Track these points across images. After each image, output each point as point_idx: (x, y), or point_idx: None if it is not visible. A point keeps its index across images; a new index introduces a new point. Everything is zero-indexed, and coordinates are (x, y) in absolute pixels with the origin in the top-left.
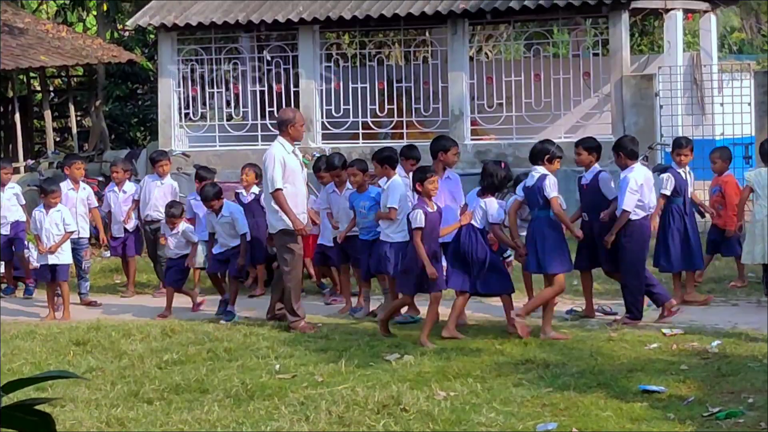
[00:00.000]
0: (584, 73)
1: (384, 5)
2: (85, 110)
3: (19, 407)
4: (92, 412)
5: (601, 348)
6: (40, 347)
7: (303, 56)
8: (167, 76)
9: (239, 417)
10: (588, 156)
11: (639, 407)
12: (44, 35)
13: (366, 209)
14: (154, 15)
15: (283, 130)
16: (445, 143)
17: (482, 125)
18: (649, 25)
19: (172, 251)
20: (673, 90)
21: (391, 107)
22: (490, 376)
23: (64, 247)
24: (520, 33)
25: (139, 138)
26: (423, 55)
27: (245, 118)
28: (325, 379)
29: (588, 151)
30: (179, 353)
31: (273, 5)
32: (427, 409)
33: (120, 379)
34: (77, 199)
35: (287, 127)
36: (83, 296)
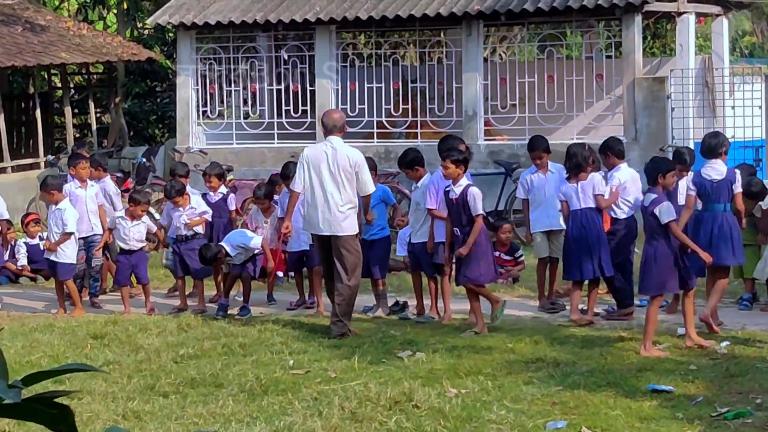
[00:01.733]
0: (597, 75)
1: (400, 6)
2: (104, 107)
3: (38, 400)
4: (109, 405)
5: (610, 347)
6: (58, 340)
7: (319, 56)
8: (186, 74)
9: (253, 411)
10: (456, 169)
11: (648, 406)
12: (65, 33)
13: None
14: (173, 14)
15: (341, 130)
16: (452, 143)
17: (495, 126)
18: (661, 28)
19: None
20: (684, 93)
21: (405, 107)
22: (500, 374)
23: (64, 246)
24: (534, 35)
25: (157, 135)
26: (438, 55)
27: (262, 116)
28: (338, 375)
29: (455, 164)
30: (195, 348)
31: (290, 5)
32: (438, 406)
33: (136, 372)
34: (86, 197)
35: (343, 126)
36: (91, 296)
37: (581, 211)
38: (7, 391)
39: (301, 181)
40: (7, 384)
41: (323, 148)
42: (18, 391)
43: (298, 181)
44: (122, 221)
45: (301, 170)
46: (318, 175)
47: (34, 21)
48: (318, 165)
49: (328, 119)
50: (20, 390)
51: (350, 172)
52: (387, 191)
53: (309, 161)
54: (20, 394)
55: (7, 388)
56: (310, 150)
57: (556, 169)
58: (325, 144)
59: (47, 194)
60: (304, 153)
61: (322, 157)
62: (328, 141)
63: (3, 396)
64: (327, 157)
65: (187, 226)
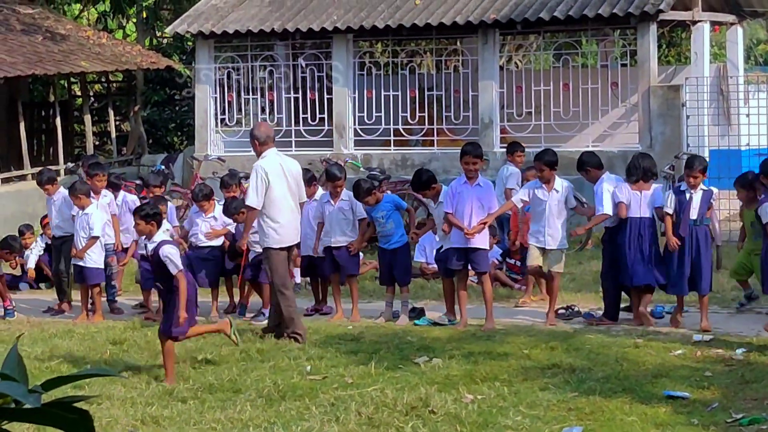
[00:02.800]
0: (612, 83)
1: (416, 15)
2: (124, 115)
3: (58, 404)
4: (128, 410)
5: (626, 354)
6: (78, 346)
7: (337, 64)
8: (204, 83)
9: (271, 417)
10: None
11: (663, 412)
12: (85, 41)
13: (384, 218)
14: (192, 23)
15: (273, 141)
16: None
17: (511, 133)
18: (676, 37)
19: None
20: (699, 101)
21: (422, 115)
22: (516, 380)
23: (91, 251)
24: (550, 43)
25: (176, 142)
26: (454, 64)
27: (279, 124)
28: (355, 380)
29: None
30: (213, 354)
31: (308, 14)
32: (454, 412)
33: (155, 378)
34: (99, 206)
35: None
36: (109, 302)
37: (639, 220)
38: (27, 396)
39: (261, 198)
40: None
41: (278, 161)
42: (38, 395)
43: (258, 198)
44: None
45: (263, 185)
46: (280, 187)
47: (54, 30)
48: (277, 177)
49: (259, 132)
50: (40, 395)
51: (299, 181)
52: (396, 198)
53: (268, 175)
54: (40, 399)
55: (27, 393)
56: (266, 164)
57: (562, 188)
58: (275, 156)
59: (75, 198)
60: (261, 168)
61: (279, 169)
62: (272, 153)
63: (23, 400)
64: (282, 168)
65: (206, 235)
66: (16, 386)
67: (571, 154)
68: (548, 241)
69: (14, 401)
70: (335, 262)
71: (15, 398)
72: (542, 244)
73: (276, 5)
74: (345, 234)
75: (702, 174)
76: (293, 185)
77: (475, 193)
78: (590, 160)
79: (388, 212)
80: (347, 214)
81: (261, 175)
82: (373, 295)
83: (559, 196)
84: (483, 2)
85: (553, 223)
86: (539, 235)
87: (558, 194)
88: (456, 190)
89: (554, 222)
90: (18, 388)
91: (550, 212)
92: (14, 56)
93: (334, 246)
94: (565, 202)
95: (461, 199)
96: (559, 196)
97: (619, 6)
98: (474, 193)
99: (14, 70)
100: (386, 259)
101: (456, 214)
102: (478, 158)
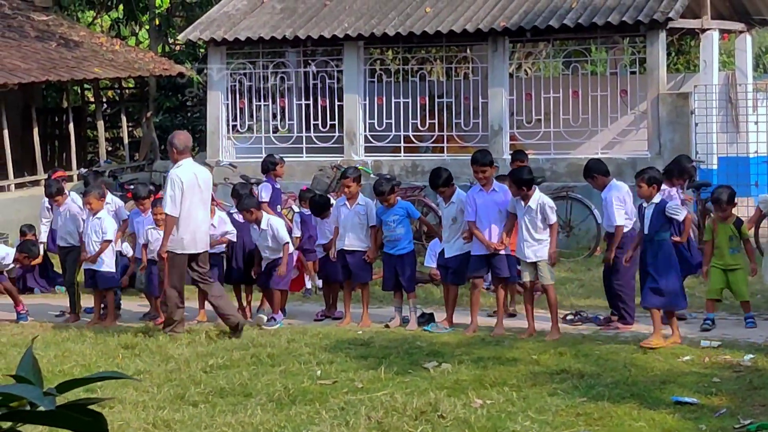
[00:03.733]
0: (621, 90)
1: (426, 23)
2: (136, 121)
3: (72, 407)
4: (139, 414)
5: (634, 359)
6: (90, 350)
7: (347, 71)
8: (216, 89)
9: (281, 421)
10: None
11: (671, 418)
12: (98, 48)
13: (395, 223)
14: (204, 30)
15: (192, 150)
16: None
17: (521, 140)
18: (685, 45)
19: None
20: (708, 108)
21: (432, 122)
22: (525, 385)
23: (104, 255)
24: (559, 51)
25: None
26: (464, 71)
27: (291, 130)
28: (364, 385)
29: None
30: (224, 358)
31: (319, 21)
32: (463, 416)
33: (167, 381)
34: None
35: (192, 147)
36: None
37: None
38: (43, 399)
39: (178, 205)
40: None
41: (192, 170)
42: (53, 398)
43: (176, 206)
44: (153, 231)
45: (179, 193)
46: (192, 196)
47: (68, 37)
48: (190, 187)
49: (179, 141)
50: (55, 397)
51: (210, 189)
52: (410, 206)
53: (184, 184)
54: (55, 401)
55: (42, 396)
56: (181, 173)
57: (536, 206)
58: (190, 165)
59: (86, 203)
60: (177, 177)
61: (193, 178)
62: (187, 162)
63: (38, 403)
64: (196, 178)
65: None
66: (32, 389)
67: (580, 161)
68: (527, 254)
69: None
70: (348, 267)
71: (30, 400)
72: (522, 257)
73: (287, 12)
74: (359, 239)
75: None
76: (205, 194)
77: (492, 199)
78: (597, 167)
79: (400, 217)
80: (362, 219)
81: (177, 184)
82: (383, 301)
83: (533, 213)
84: (493, 10)
85: (529, 237)
86: (520, 247)
87: (532, 211)
88: (475, 199)
89: (531, 236)
90: (33, 390)
91: (526, 226)
92: (28, 63)
93: (348, 250)
94: (543, 220)
95: (480, 207)
96: (533, 212)
97: (629, 14)
98: (491, 199)
99: (28, 77)
100: (392, 264)
101: (477, 222)
102: (488, 165)
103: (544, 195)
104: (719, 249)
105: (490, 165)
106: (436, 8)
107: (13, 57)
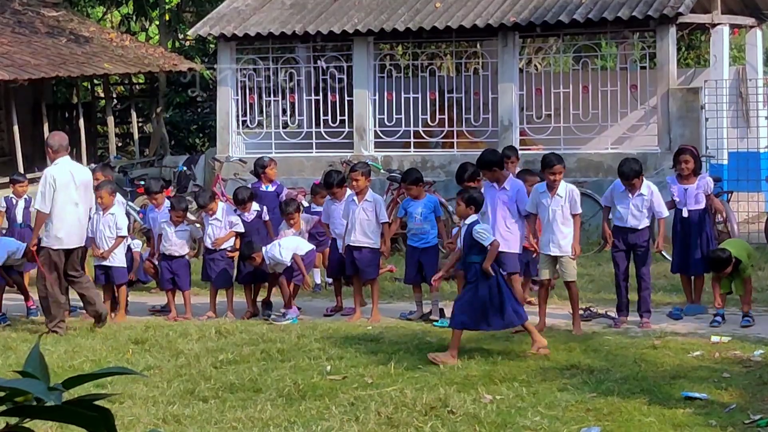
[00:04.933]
0: (631, 85)
1: (436, 18)
2: (146, 117)
3: (79, 402)
4: (149, 409)
5: (644, 355)
6: (100, 345)
7: (357, 67)
8: (226, 85)
9: (291, 416)
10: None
11: (681, 413)
12: (108, 44)
13: (421, 215)
14: (214, 25)
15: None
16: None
17: (531, 135)
18: (695, 40)
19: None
20: (718, 103)
21: (442, 117)
22: (535, 381)
23: (117, 250)
24: (569, 46)
25: (198, 144)
26: (474, 66)
27: (300, 126)
28: (374, 380)
29: None
30: (234, 353)
31: (329, 17)
32: (473, 412)
33: (176, 377)
34: None
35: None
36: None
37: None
38: (48, 394)
39: (49, 202)
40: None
41: (68, 169)
42: (59, 393)
43: (46, 203)
44: (166, 227)
45: (51, 191)
46: (67, 194)
47: (78, 33)
48: (64, 185)
49: (53, 141)
50: (61, 392)
51: (89, 188)
52: (437, 204)
53: (56, 182)
54: (61, 397)
55: (47, 391)
56: (56, 172)
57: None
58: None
59: (98, 197)
60: (50, 175)
61: (68, 177)
62: (64, 161)
63: (44, 398)
64: (72, 176)
65: (213, 243)
66: (37, 383)
67: (590, 156)
68: (551, 248)
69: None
70: (355, 263)
71: (36, 396)
72: (546, 250)
73: (297, 8)
74: (366, 235)
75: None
76: (82, 192)
77: (499, 196)
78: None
79: (427, 212)
80: (370, 215)
81: (49, 182)
82: (393, 296)
83: (562, 202)
84: (503, 5)
85: (555, 230)
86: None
87: (561, 200)
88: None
89: (558, 228)
90: (39, 385)
91: (551, 219)
92: (38, 58)
93: (355, 245)
94: (571, 208)
95: (488, 203)
96: (561, 201)
97: (639, 9)
98: (498, 196)
99: (38, 72)
100: (415, 257)
101: (485, 218)
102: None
103: (571, 184)
104: None
105: (499, 166)
106: (445, 3)
107: (23, 53)
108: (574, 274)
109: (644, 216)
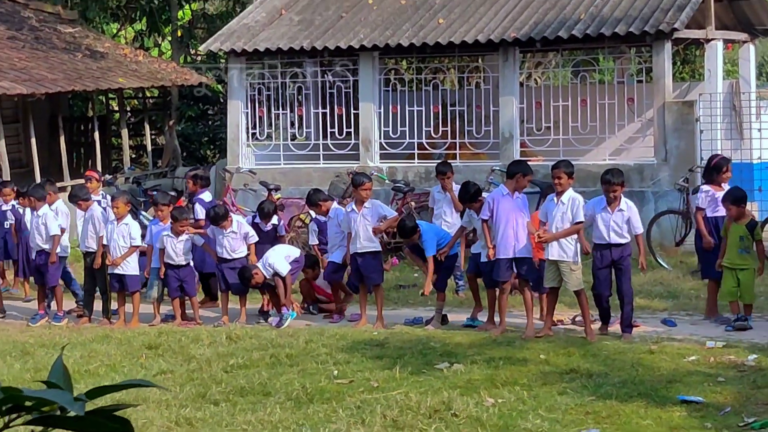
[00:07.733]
0: (628, 98)
1: (439, 33)
2: (159, 129)
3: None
4: (162, 412)
5: (642, 359)
6: (115, 350)
7: (363, 81)
8: (236, 98)
9: (299, 419)
10: None
11: (678, 416)
12: (122, 59)
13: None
14: (224, 41)
15: None
16: (525, 169)
17: (531, 147)
18: (690, 54)
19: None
20: (713, 116)
21: (445, 129)
22: (536, 385)
23: (130, 259)
24: (568, 60)
25: (209, 156)
26: (476, 80)
27: (308, 138)
28: (380, 384)
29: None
30: (244, 358)
31: (336, 33)
32: (476, 415)
33: (188, 381)
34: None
35: None
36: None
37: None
38: (73, 404)
39: None
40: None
41: None
42: (82, 404)
43: None
44: (168, 238)
45: None
46: None
47: (93, 48)
48: None
49: None
50: (84, 403)
51: None
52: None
53: None
54: (84, 407)
55: (73, 401)
56: None
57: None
58: None
59: (114, 206)
60: None
61: None
62: None
63: (69, 408)
64: None
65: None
66: (63, 394)
67: (589, 167)
68: (551, 252)
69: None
70: (360, 271)
71: (61, 405)
72: (546, 255)
73: (305, 24)
74: (369, 239)
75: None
76: None
77: (512, 205)
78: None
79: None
80: (371, 219)
81: None
82: (397, 303)
83: (564, 208)
84: (503, 21)
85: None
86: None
87: (563, 206)
88: (496, 200)
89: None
90: (65, 396)
91: (553, 223)
92: (55, 73)
93: (359, 252)
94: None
95: (499, 210)
96: (564, 207)
97: (635, 25)
98: (513, 205)
99: (55, 87)
100: (439, 264)
101: (493, 223)
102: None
103: (576, 193)
104: (730, 247)
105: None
106: (448, 20)
107: (40, 68)
108: (578, 283)
109: (625, 231)
